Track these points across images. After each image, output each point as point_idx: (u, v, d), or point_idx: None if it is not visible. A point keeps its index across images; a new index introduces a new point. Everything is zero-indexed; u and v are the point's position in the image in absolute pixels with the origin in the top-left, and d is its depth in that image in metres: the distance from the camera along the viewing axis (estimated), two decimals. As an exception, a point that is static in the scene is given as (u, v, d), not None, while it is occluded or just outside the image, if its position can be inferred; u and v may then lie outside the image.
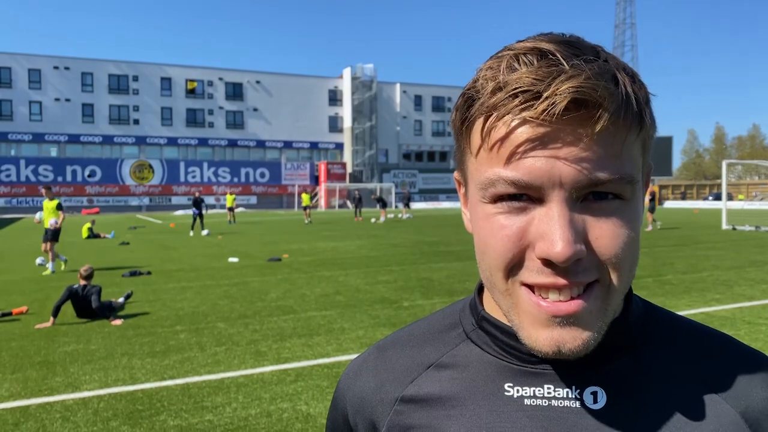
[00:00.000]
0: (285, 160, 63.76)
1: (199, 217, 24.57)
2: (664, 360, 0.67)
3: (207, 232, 24.22)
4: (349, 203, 59.95)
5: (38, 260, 14.77)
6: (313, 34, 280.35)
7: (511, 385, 0.66)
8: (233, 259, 14.88)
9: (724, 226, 24.36)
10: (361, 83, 65.48)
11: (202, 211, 24.86)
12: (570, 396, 0.64)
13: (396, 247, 17.85)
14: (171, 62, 70.82)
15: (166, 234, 25.50)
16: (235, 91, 61.91)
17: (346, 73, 66.20)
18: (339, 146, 66.84)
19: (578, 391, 0.64)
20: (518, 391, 0.66)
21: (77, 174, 55.19)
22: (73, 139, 56.08)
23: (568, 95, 0.53)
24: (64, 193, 54.37)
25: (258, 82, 62.81)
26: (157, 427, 4.46)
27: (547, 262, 0.57)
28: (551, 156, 0.55)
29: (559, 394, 0.65)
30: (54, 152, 55.93)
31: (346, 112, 66.32)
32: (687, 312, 8.04)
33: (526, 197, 0.58)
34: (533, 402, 0.65)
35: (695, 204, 58.58)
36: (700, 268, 12.34)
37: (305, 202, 32.07)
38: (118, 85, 57.67)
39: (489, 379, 0.68)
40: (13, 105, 54.13)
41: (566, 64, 0.55)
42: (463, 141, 0.64)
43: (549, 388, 0.65)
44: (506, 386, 0.67)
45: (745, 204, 50.65)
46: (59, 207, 13.89)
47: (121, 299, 9.14)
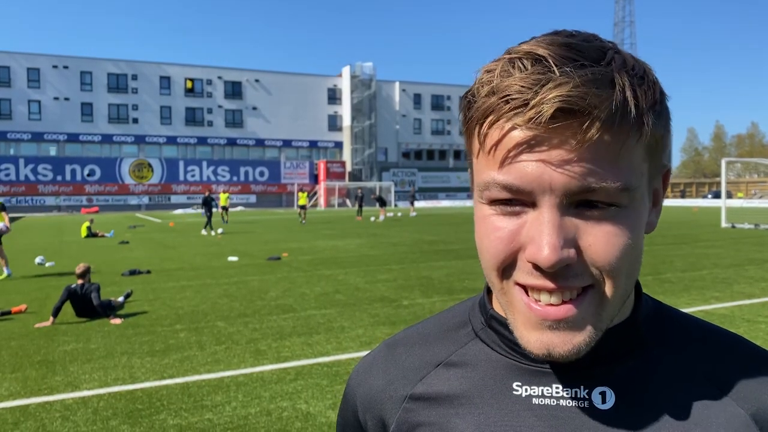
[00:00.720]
0: (284, 158, 63.74)
1: (209, 216, 24.12)
2: (673, 360, 0.67)
3: (221, 230, 24.09)
4: (348, 202, 59.98)
5: (37, 259, 14.75)
6: (312, 32, 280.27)
7: (520, 384, 0.67)
8: (233, 258, 14.88)
9: (724, 224, 24.37)
10: (361, 82, 65.44)
11: (212, 209, 24.39)
12: (578, 396, 0.64)
13: (396, 245, 17.85)
14: (170, 61, 70.81)
15: (165, 233, 25.50)
16: (234, 90, 61.87)
17: (346, 71, 66.17)
18: (338, 145, 66.82)
19: (586, 391, 0.64)
20: (526, 390, 0.66)
21: (76, 173, 55.18)
22: (72, 138, 56.03)
23: (555, 104, 0.53)
24: (63, 192, 54.39)
25: (257, 80, 62.77)
26: (157, 426, 4.46)
27: (536, 265, 0.57)
28: (541, 161, 0.55)
29: (567, 394, 0.65)
30: (53, 151, 55.89)
31: (345, 110, 66.30)
32: (686, 310, 8.01)
33: (519, 201, 0.58)
34: (541, 401, 0.65)
35: (694, 202, 58.60)
36: (699, 266, 12.35)
37: (301, 201, 31.53)
38: (117, 84, 57.62)
39: (497, 378, 0.68)
40: (12, 104, 54.07)
41: (557, 71, 0.54)
42: (467, 142, 0.65)
43: (557, 388, 0.65)
44: (515, 385, 0.67)
45: (744, 202, 50.69)
46: (2, 208, 12.46)
47: (121, 298, 9.14)
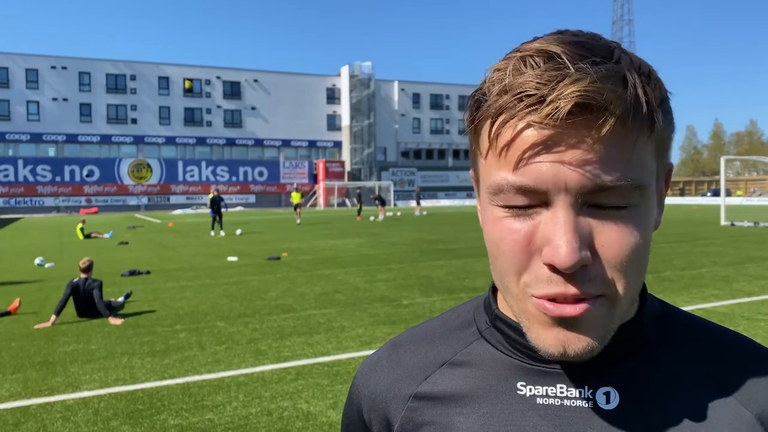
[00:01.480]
0: (283, 158, 63.73)
1: (218, 216, 23.61)
2: (678, 361, 0.67)
3: (239, 231, 23.86)
4: (348, 201, 59.97)
5: (37, 260, 14.75)
6: (310, 32, 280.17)
7: (524, 383, 0.67)
8: (232, 258, 14.88)
9: (723, 222, 24.39)
10: (359, 81, 65.44)
11: (221, 210, 23.76)
12: (582, 396, 0.64)
13: (395, 245, 17.86)
14: (168, 61, 70.73)
15: (164, 233, 25.49)
16: (232, 90, 61.86)
17: (344, 71, 66.15)
18: (337, 144, 66.82)
19: (591, 391, 0.64)
20: (531, 390, 0.66)
21: (75, 174, 55.15)
22: (71, 138, 56.01)
23: (572, 99, 0.53)
24: (62, 192, 54.36)
25: (256, 80, 62.74)
26: (158, 426, 4.46)
27: (553, 267, 0.56)
28: (556, 160, 0.55)
29: (571, 394, 0.64)
30: (52, 152, 55.86)
31: (344, 110, 66.29)
32: (686, 308, 8.06)
33: (534, 203, 0.58)
34: (546, 401, 0.65)
35: (694, 200, 58.64)
36: (698, 264, 12.36)
37: (295, 201, 30.66)
38: (116, 84, 57.60)
39: (502, 378, 0.68)
40: (10, 105, 54.04)
41: (572, 67, 0.54)
42: (474, 143, 0.64)
43: (561, 388, 0.65)
44: (519, 385, 0.67)
45: (743, 200, 50.73)
46: None
47: (121, 299, 9.15)
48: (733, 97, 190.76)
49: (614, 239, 0.57)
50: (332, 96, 66.57)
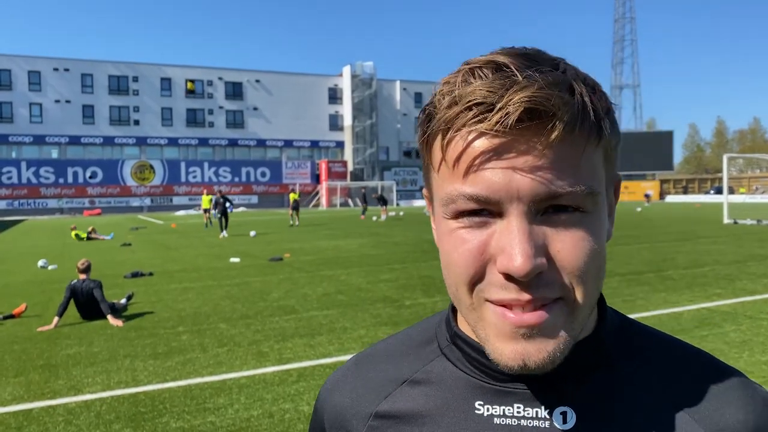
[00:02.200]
0: (286, 159, 63.77)
1: (223, 217, 23.02)
2: (637, 379, 0.66)
3: (224, 234, 22.66)
4: (350, 201, 59.96)
5: (40, 262, 14.78)
6: (312, 32, 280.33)
7: (482, 403, 0.66)
8: (234, 259, 14.89)
9: (726, 220, 24.33)
10: (361, 81, 65.46)
11: (227, 210, 23.14)
12: (539, 416, 0.64)
13: (397, 245, 17.85)
14: (170, 62, 70.87)
15: (167, 234, 25.52)
16: (234, 91, 61.93)
17: (346, 71, 66.18)
18: (340, 144, 66.84)
19: (548, 411, 0.64)
20: (488, 410, 0.66)
21: (78, 175, 55.28)
22: (74, 140, 56.15)
23: (521, 105, 0.53)
24: (65, 194, 54.48)
25: (258, 81, 62.81)
26: (160, 429, 4.47)
27: (508, 276, 0.56)
28: (508, 167, 0.55)
29: (528, 414, 0.64)
30: (55, 154, 56.01)
31: (346, 110, 66.31)
32: (689, 307, 8.04)
33: (487, 212, 0.58)
34: (503, 421, 0.65)
35: (697, 198, 58.52)
36: (701, 262, 12.32)
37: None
38: (118, 86, 57.72)
39: (461, 397, 0.68)
40: (13, 107, 54.19)
41: (519, 75, 0.55)
42: (426, 157, 0.64)
43: (519, 408, 0.65)
44: (477, 404, 0.66)
45: (746, 197, 50.61)
46: None
47: (123, 300, 9.16)
48: (736, 94, 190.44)
49: (569, 245, 0.57)
50: (334, 96, 66.60)
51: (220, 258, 15.47)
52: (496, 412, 0.65)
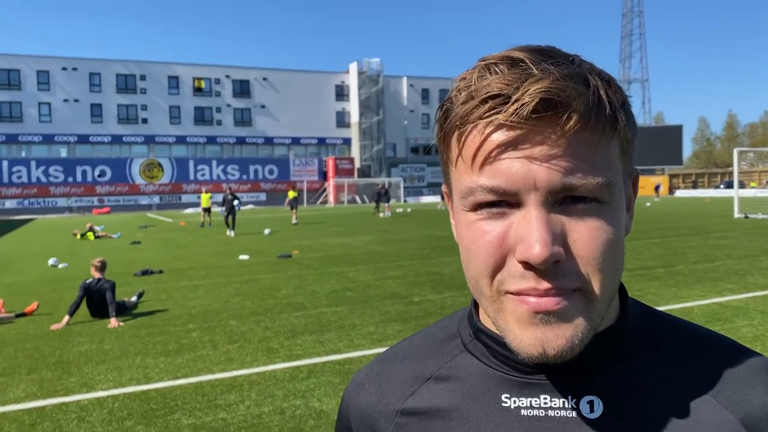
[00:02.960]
0: (293, 156, 63.86)
1: (230, 215, 22.69)
2: (661, 367, 0.67)
3: (209, 224, 22.62)
4: (357, 198, 59.98)
5: (51, 261, 14.89)
6: (319, 29, 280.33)
7: (508, 396, 0.67)
8: (244, 257, 14.94)
9: (737, 214, 24.18)
10: (368, 78, 65.40)
11: (234, 208, 22.75)
12: (566, 406, 0.64)
13: (405, 241, 17.85)
14: (178, 61, 70.99)
15: (176, 232, 25.63)
16: (242, 89, 62.03)
17: (353, 67, 66.13)
18: (347, 141, 66.84)
19: (574, 400, 0.64)
20: (515, 402, 0.66)
21: (87, 174, 55.58)
22: (83, 139, 56.43)
23: (537, 95, 0.54)
24: (74, 193, 54.80)
25: (265, 78, 62.88)
26: (172, 426, 4.49)
27: (527, 265, 0.57)
28: (524, 157, 0.56)
29: (555, 404, 0.65)
30: (64, 153, 56.32)
31: (353, 107, 66.28)
32: (700, 302, 8.00)
33: (505, 203, 0.59)
34: (530, 413, 0.65)
35: (706, 193, 58.14)
36: (712, 257, 12.25)
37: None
38: (126, 84, 57.95)
39: (487, 391, 0.68)
40: (22, 107, 54.52)
41: (535, 69, 0.56)
42: (444, 152, 0.65)
43: (545, 399, 0.65)
44: (503, 397, 0.67)
45: (757, 192, 50.23)
46: None
47: (134, 298, 9.22)
48: (747, 87, 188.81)
49: (586, 235, 0.58)
50: (341, 93, 66.57)
51: (229, 255, 15.53)
52: (523, 404, 0.66)
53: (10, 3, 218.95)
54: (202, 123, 60.76)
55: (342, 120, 66.67)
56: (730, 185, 53.88)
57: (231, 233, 22.30)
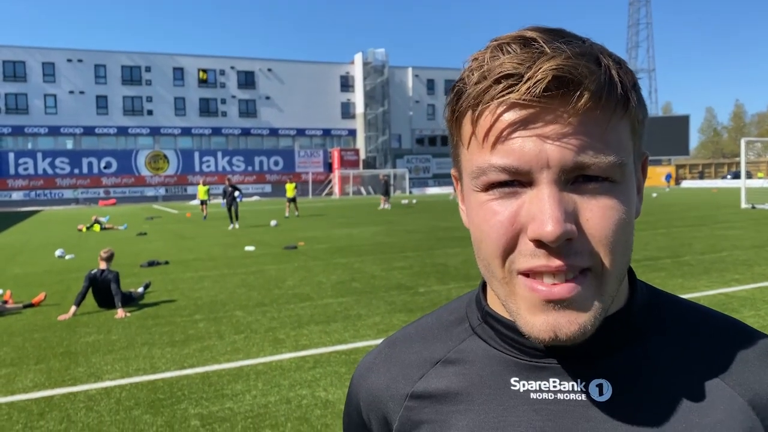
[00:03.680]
0: (298, 147, 63.84)
1: (232, 208, 22.03)
2: (670, 348, 0.67)
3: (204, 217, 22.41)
4: (362, 189, 59.97)
5: (57, 252, 14.96)
6: (323, 19, 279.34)
7: (517, 379, 0.67)
8: (250, 248, 14.97)
9: (744, 204, 24.05)
10: (373, 68, 65.19)
11: (235, 200, 22.05)
12: (575, 389, 0.65)
13: (411, 233, 17.85)
14: (183, 52, 70.85)
15: (182, 224, 25.70)
16: (247, 80, 61.96)
17: (358, 58, 65.91)
18: (352, 132, 66.74)
19: (583, 383, 0.65)
20: (524, 386, 0.66)
21: (93, 166, 55.75)
22: (88, 131, 56.56)
23: (549, 73, 0.54)
24: (80, 185, 55.00)
25: (270, 69, 62.77)
26: (179, 415, 4.52)
27: (539, 243, 0.57)
28: (537, 136, 0.56)
29: (564, 388, 0.65)
30: (70, 144, 56.49)
31: (358, 97, 66.13)
32: (707, 293, 7.97)
33: (517, 182, 0.58)
34: (539, 396, 0.65)
35: (713, 183, 57.84)
36: (719, 248, 12.20)
37: (290, 194, 27.36)
38: (131, 76, 57.97)
39: (495, 374, 0.68)
40: (28, 98, 54.65)
41: (547, 48, 0.56)
42: (456, 134, 0.65)
43: (554, 382, 0.65)
44: (512, 380, 0.67)
45: (764, 182, 49.92)
46: None
47: (141, 289, 9.26)
48: (755, 77, 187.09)
49: (598, 213, 0.58)
50: (346, 84, 66.40)
51: (234, 247, 15.56)
52: (532, 387, 0.66)
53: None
54: (207, 114, 60.77)
55: (347, 111, 66.54)
56: (737, 175, 53.57)
57: (233, 226, 21.50)
